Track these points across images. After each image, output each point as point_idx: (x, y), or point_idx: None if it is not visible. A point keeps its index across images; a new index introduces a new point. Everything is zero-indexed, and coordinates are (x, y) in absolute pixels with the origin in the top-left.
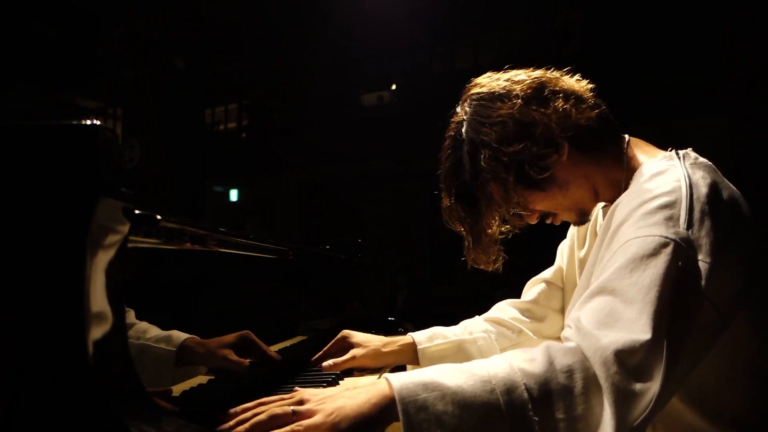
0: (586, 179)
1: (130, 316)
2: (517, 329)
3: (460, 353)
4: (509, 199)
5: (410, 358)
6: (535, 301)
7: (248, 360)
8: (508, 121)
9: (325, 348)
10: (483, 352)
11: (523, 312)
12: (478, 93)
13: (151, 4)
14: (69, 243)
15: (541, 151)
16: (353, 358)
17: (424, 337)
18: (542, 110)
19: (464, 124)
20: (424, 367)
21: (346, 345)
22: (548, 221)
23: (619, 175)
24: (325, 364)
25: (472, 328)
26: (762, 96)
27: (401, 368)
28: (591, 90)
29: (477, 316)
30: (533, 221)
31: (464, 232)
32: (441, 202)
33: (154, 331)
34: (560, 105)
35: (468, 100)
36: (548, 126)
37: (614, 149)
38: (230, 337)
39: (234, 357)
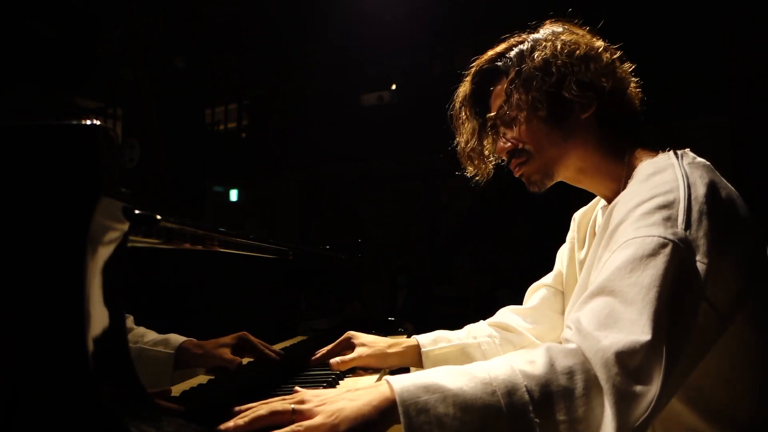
0: (582, 149)
1: (128, 321)
2: (521, 334)
3: (463, 357)
4: (519, 109)
5: (414, 360)
6: (537, 307)
7: (245, 359)
8: (581, 46)
9: (329, 346)
10: (487, 356)
11: (525, 318)
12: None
13: (151, 4)
14: (69, 243)
15: (586, 81)
16: (359, 357)
17: (429, 340)
18: (607, 64)
19: (538, 32)
20: (426, 370)
21: (351, 345)
22: (512, 165)
23: (617, 170)
24: (333, 360)
25: (476, 332)
26: (762, 96)
27: (402, 370)
28: (641, 101)
29: (482, 321)
30: (501, 151)
31: (463, 129)
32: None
33: (151, 335)
34: (619, 74)
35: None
36: (602, 75)
37: (622, 145)
38: (227, 338)
39: (228, 355)
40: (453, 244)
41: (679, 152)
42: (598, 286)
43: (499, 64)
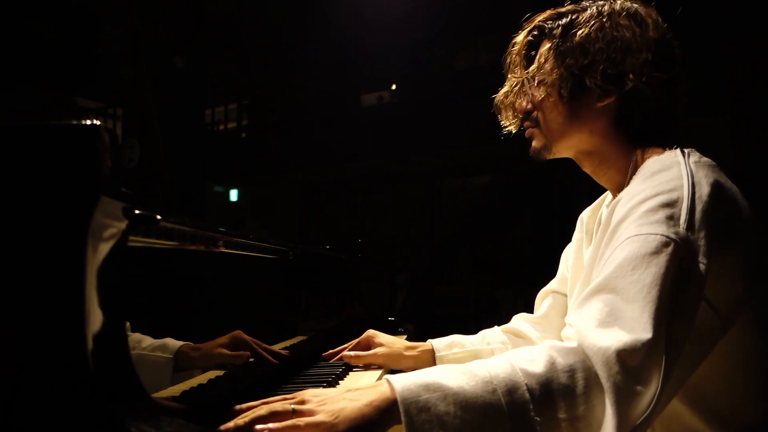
0: (588, 135)
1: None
2: (533, 342)
3: None
4: (546, 77)
5: (428, 364)
6: (545, 316)
7: (248, 355)
8: (625, 36)
9: (350, 344)
10: None
11: (535, 327)
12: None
13: (152, 3)
14: (69, 243)
15: (613, 74)
16: (374, 354)
17: (443, 345)
18: (644, 62)
19: (608, 5)
20: (427, 369)
21: (371, 344)
22: (525, 125)
23: (625, 164)
24: (345, 354)
25: (490, 338)
26: (762, 96)
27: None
28: (679, 106)
29: (496, 327)
30: (521, 110)
31: (509, 78)
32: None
33: (148, 341)
34: (655, 76)
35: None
36: (632, 72)
37: (635, 141)
38: (222, 339)
39: (231, 352)
40: (453, 244)
41: (686, 150)
42: (599, 283)
43: (548, 25)
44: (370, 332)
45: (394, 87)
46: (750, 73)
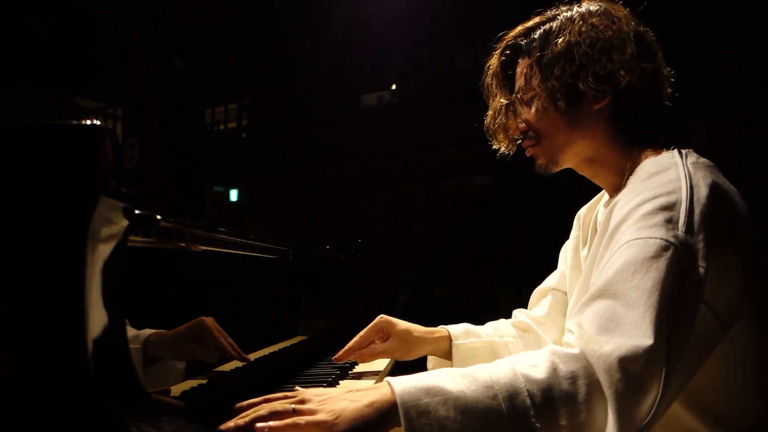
0: (590, 139)
1: None
2: (540, 338)
3: (491, 354)
4: (536, 93)
5: (444, 350)
6: (548, 315)
7: (214, 349)
8: (606, 35)
9: (362, 332)
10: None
11: (540, 327)
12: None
13: (152, 3)
14: (69, 243)
15: (603, 74)
16: (390, 349)
17: (460, 332)
18: (631, 56)
19: (572, 9)
20: (428, 372)
21: (385, 330)
22: (524, 145)
23: (623, 165)
24: (359, 352)
25: (502, 330)
26: (762, 96)
27: (405, 367)
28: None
29: (503, 319)
30: (516, 130)
31: (491, 102)
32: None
33: (128, 333)
34: (644, 68)
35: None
36: (622, 69)
37: (632, 140)
38: (184, 327)
39: (196, 346)
40: (453, 244)
41: (683, 151)
42: (599, 288)
43: (523, 42)
44: (383, 318)
45: (394, 87)
46: (750, 73)
